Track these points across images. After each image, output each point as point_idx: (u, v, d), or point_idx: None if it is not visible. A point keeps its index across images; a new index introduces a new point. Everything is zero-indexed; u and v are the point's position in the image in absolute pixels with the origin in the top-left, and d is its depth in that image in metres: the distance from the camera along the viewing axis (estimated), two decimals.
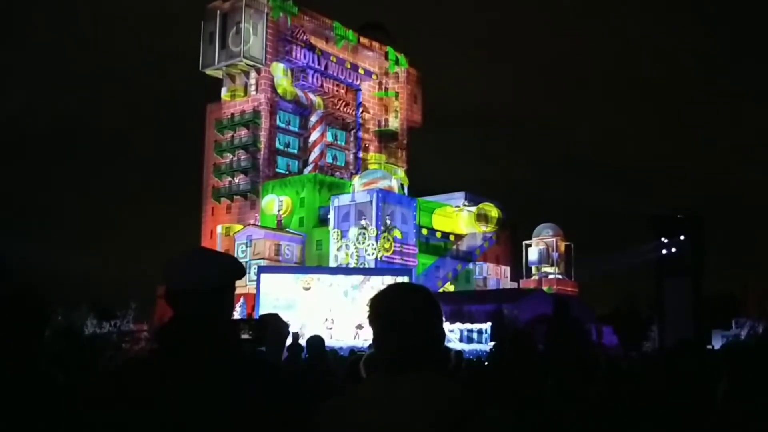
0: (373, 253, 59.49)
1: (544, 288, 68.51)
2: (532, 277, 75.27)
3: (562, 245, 77.24)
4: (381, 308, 2.16)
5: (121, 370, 2.37)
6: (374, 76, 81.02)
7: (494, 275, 72.85)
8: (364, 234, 60.20)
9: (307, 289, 42.09)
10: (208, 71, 74.96)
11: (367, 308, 2.19)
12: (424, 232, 66.49)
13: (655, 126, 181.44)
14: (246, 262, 61.22)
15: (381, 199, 60.89)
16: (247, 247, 63.15)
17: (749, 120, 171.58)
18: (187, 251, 2.45)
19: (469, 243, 71.88)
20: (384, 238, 60.19)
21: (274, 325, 2.59)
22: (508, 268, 75.29)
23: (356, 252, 60.19)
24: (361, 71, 79.75)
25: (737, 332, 49.43)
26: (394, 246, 60.86)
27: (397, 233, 61.29)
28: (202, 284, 2.33)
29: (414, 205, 65.01)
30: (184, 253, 2.43)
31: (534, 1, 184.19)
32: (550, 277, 74.59)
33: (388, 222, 61.05)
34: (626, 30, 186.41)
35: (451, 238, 70.46)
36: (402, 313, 2.13)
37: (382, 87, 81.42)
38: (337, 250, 61.50)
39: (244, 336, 2.50)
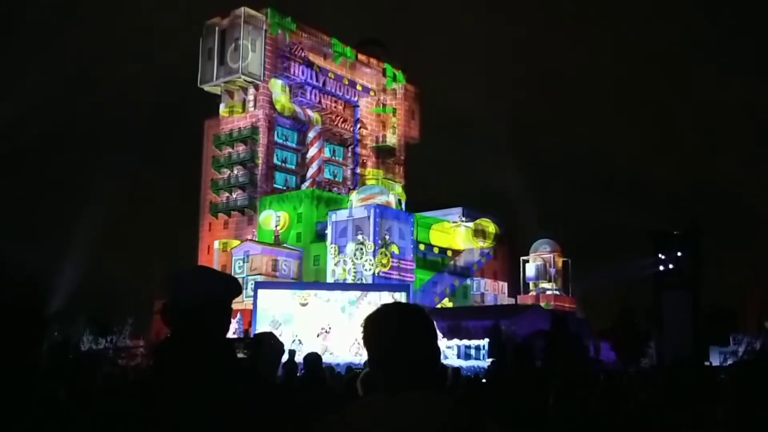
0: (370, 269, 59.40)
1: (542, 303, 68.41)
2: (530, 293, 75.19)
3: (560, 261, 77.23)
4: (375, 328, 2.17)
5: (121, 386, 2.37)
6: (372, 93, 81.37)
7: (492, 291, 72.77)
8: (361, 249, 60.14)
9: (304, 304, 41.96)
10: (207, 87, 75.22)
11: (361, 328, 2.19)
12: (422, 247, 66.46)
13: (656, 135, 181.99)
14: (243, 277, 61.12)
15: (378, 214, 60.90)
16: (244, 262, 63.06)
17: (749, 130, 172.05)
18: (188, 268, 2.46)
19: (466, 258, 71.87)
20: (381, 253, 60.14)
21: (269, 344, 2.60)
22: (505, 284, 75.22)
23: (353, 267, 60.11)
24: (359, 87, 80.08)
25: (735, 348, 49.33)
26: (392, 261, 60.80)
27: (394, 248, 61.26)
28: (202, 300, 2.33)
29: (411, 220, 65.02)
30: (184, 269, 2.44)
31: (531, 9, 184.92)
32: (548, 292, 74.49)
33: (386, 237, 61.03)
34: (627, 41, 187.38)
35: (449, 253, 70.44)
36: (397, 333, 2.13)
37: (380, 103, 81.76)
38: (335, 265, 61.41)
39: (240, 355, 2.50)
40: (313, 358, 5.56)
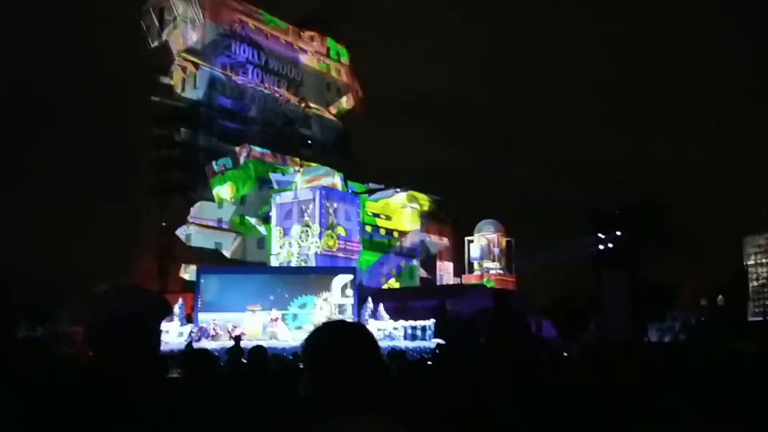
0: (316, 251, 59.09)
1: (485, 282, 69.34)
2: (475, 273, 76.09)
3: (503, 241, 78.23)
4: (318, 350, 2.06)
5: (50, 417, 2.20)
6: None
7: (438, 271, 73.37)
8: (307, 232, 59.75)
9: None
10: (147, 66, 73.30)
11: (302, 347, 2.09)
12: (368, 228, 66.45)
13: (595, 116, 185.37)
14: None
15: (324, 196, 60.55)
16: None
17: (689, 113, 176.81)
18: (110, 287, 2.28)
19: (412, 239, 72.19)
20: (328, 235, 59.88)
21: (203, 360, 2.48)
22: (451, 264, 75.90)
23: (299, 250, 59.69)
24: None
25: (672, 324, 51.00)
26: (338, 243, 60.62)
27: (341, 230, 61.07)
28: (126, 324, 2.17)
29: (358, 201, 64.88)
30: (106, 289, 2.26)
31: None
32: (492, 271, 75.50)
33: (332, 219, 60.75)
34: (570, 23, 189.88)
35: (396, 234, 70.64)
36: (340, 355, 2.03)
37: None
38: (280, 248, 60.89)
39: (174, 375, 2.36)
40: (258, 352, 5.44)
